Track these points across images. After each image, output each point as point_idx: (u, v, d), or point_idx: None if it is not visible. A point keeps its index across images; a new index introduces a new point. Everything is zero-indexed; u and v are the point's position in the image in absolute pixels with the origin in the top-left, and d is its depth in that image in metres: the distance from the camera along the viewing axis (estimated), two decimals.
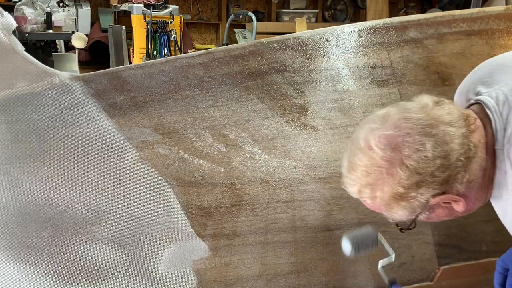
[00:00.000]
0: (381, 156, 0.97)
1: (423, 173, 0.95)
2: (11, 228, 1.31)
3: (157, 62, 1.47)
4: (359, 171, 1.01)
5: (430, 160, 0.95)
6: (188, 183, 1.42)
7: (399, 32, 1.60)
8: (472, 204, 1.05)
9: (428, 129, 0.96)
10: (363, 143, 1.01)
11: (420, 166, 0.95)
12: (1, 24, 1.37)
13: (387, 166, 0.97)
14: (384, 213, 1.06)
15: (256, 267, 1.44)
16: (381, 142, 0.98)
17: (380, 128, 1.00)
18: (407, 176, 0.96)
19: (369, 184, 1.01)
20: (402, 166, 0.96)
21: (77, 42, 4.18)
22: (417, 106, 1.01)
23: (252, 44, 1.53)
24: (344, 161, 1.06)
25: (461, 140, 0.97)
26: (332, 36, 1.57)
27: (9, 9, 2.41)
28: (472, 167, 0.99)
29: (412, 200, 0.99)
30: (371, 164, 0.99)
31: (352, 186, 1.05)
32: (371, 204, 1.05)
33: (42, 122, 1.37)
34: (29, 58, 1.39)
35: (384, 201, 1.01)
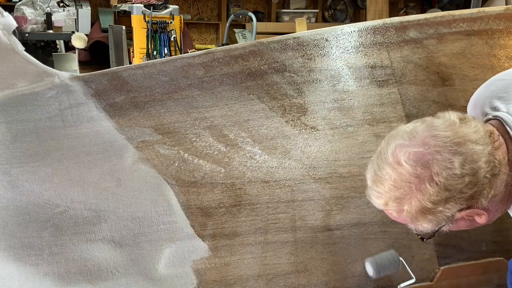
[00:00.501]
0: (411, 173, 1.00)
1: (452, 189, 0.98)
2: (11, 228, 1.31)
3: (157, 62, 1.47)
4: (387, 185, 1.03)
5: (459, 177, 0.98)
6: (188, 183, 1.42)
7: (399, 32, 1.60)
8: (492, 215, 1.09)
9: (457, 147, 0.99)
10: (391, 158, 1.03)
11: (449, 183, 0.98)
12: (1, 24, 1.37)
13: (416, 182, 1.00)
14: (409, 225, 1.09)
15: (256, 267, 1.44)
16: (411, 158, 1.00)
17: (409, 145, 1.02)
18: (436, 192, 0.99)
19: (397, 198, 1.03)
20: (432, 183, 0.99)
21: (77, 42, 4.18)
22: (445, 124, 1.03)
23: (252, 44, 1.53)
24: (369, 173, 1.08)
25: (487, 158, 1.00)
26: (332, 36, 1.58)
27: (9, 9, 2.41)
28: (497, 183, 1.02)
29: (439, 214, 1.02)
30: (400, 180, 1.01)
31: (379, 199, 1.07)
32: (397, 216, 1.07)
33: (42, 122, 1.37)
34: (29, 58, 1.39)
35: (411, 215, 1.04)
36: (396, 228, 1.54)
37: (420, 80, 1.59)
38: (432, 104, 1.60)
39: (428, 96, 1.59)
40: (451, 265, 1.55)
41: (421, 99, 1.59)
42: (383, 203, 1.07)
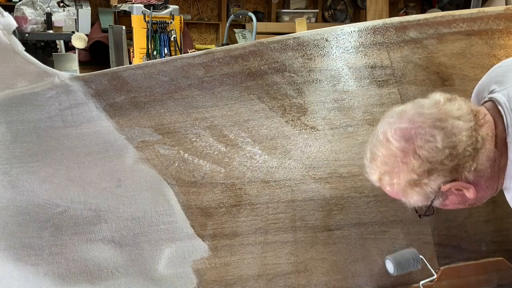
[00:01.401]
0: (396, 147, 1.09)
1: (433, 161, 1.06)
2: (11, 228, 1.31)
3: (157, 62, 1.47)
4: (378, 161, 1.13)
5: (439, 150, 1.06)
6: (188, 183, 1.42)
7: (399, 32, 1.60)
8: (483, 192, 1.14)
9: (439, 122, 1.07)
10: (381, 136, 1.13)
11: (431, 155, 1.06)
12: (1, 24, 1.37)
13: (401, 156, 1.09)
14: (402, 199, 1.16)
15: (256, 267, 1.44)
16: (397, 134, 1.10)
17: (396, 122, 1.12)
18: (419, 164, 1.07)
19: (387, 172, 1.13)
20: (415, 155, 1.07)
21: (77, 42, 4.18)
22: (430, 103, 1.13)
23: (252, 44, 1.53)
24: (367, 152, 1.18)
25: (469, 133, 1.07)
26: (332, 36, 1.58)
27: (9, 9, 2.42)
28: (480, 157, 1.08)
29: (425, 187, 1.10)
30: (388, 154, 1.11)
31: (373, 175, 1.17)
32: (390, 190, 1.16)
33: (42, 122, 1.37)
34: (29, 58, 1.39)
35: (401, 188, 1.12)
36: (396, 228, 1.54)
37: (420, 80, 1.59)
38: None
39: None
40: (451, 265, 1.55)
41: None
42: (377, 179, 1.16)
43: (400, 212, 1.54)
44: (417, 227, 1.54)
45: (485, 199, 1.18)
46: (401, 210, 1.54)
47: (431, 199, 1.13)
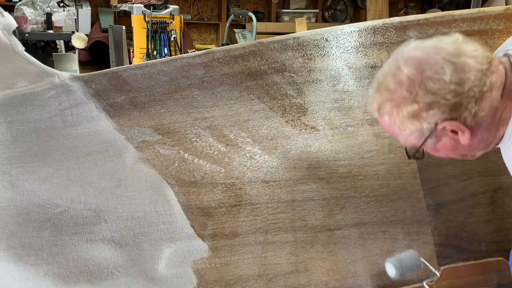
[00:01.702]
0: (406, 74, 1.08)
1: (437, 94, 1.06)
2: (11, 228, 1.31)
3: (157, 62, 1.47)
4: (382, 89, 1.13)
5: (446, 83, 1.05)
6: (188, 183, 1.42)
7: (399, 32, 1.60)
8: (477, 142, 1.14)
9: (451, 57, 1.07)
10: (392, 64, 1.13)
11: (436, 87, 1.06)
12: (1, 24, 1.37)
13: (408, 84, 1.08)
14: (397, 134, 1.16)
15: (256, 267, 1.44)
16: (408, 62, 1.09)
17: (410, 51, 1.12)
18: (422, 95, 1.07)
19: (389, 100, 1.11)
20: (421, 85, 1.07)
21: (77, 42, 4.18)
22: (449, 39, 1.12)
23: (252, 44, 1.53)
24: (373, 82, 1.17)
25: (478, 75, 1.06)
26: (332, 36, 1.58)
27: (9, 9, 2.41)
28: (483, 103, 1.08)
29: (423, 121, 1.09)
30: (394, 82, 1.10)
31: (373, 104, 1.16)
32: (387, 121, 1.15)
33: (42, 122, 1.37)
34: (29, 58, 1.39)
35: (399, 119, 1.12)
36: (396, 228, 1.54)
37: None
38: None
39: None
40: (451, 265, 1.55)
41: None
42: (377, 107, 1.15)
43: (400, 212, 1.54)
44: (417, 227, 1.54)
45: (477, 151, 1.18)
46: (401, 210, 1.54)
47: (425, 137, 1.12)
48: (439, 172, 1.59)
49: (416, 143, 1.15)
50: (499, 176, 1.65)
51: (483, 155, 1.64)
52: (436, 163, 1.59)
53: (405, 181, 1.54)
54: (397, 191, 1.53)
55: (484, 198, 1.64)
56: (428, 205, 1.55)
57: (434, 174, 1.58)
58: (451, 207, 1.59)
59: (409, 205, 1.54)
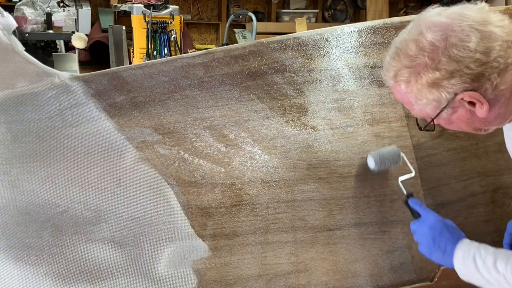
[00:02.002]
0: (429, 40, 1.04)
1: (461, 62, 1.02)
2: (11, 228, 1.31)
3: (157, 62, 1.47)
4: (402, 55, 1.08)
5: (470, 51, 1.01)
6: (188, 183, 1.42)
7: (399, 32, 1.60)
8: (493, 116, 1.10)
9: (477, 25, 1.03)
10: (414, 29, 1.08)
11: (460, 54, 1.02)
12: (1, 24, 1.37)
13: (430, 50, 1.04)
14: (411, 103, 1.12)
15: (256, 267, 1.44)
16: (432, 28, 1.05)
17: (434, 16, 1.07)
18: (445, 62, 1.03)
19: (408, 66, 1.07)
20: (444, 53, 1.03)
21: (77, 42, 4.18)
22: (475, 7, 1.08)
23: (252, 44, 1.53)
24: (390, 49, 1.13)
25: (504, 45, 1.03)
26: (332, 36, 1.58)
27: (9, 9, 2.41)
28: (506, 75, 1.04)
29: (442, 90, 1.05)
30: (416, 48, 1.06)
31: (390, 71, 1.11)
32: (404, 89, 1.11)
33: (42, 122, 1.37)
34: (29, 58, 1.39)
35: (416, 87, 1.08)
36: (396, 228, 1.54)
37: None
38: None
39: None
40: None
41: None
42: (393, 75, 1.11)
43: (400, 212, 1.54)
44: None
45: (492, 126, 1.14)
46: (401, 210, 1.54)
47: (442, 107, 1.08)
48: (439, 172, 1.59)
49: (431, 114, 1.11)
50: (499, 176, 1.65)
51: (484, 155, 1.64)
52: (436, 163, 1.59)
53: (405, 181, 1.54)
54: (397, 191, 1.53)
55: (484, 198, 1.64)
56: (428, 205, 1.55)
57: (434, 174, 1.58)
58: (451, 207, 1.59)
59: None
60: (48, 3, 4.23)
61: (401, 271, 1.54)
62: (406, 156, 1.49)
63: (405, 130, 1.57)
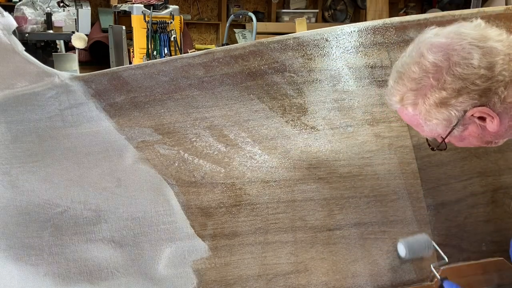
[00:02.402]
0: (431, 61, 1.06)
1: (466, 79, 1.03)
2: (11, 228, 1.31)
3: (157, 62, 1.47)
4: (405, 79, 1.09)
5: (474, 68, 1.02)
6: (188, 183, 1.42)
7: (399, 32, 1.60)
8: (504, 129, 1.10)
9: (477, 42, 1.04)
10: (414, 52, 1.09)
11: (465, 72, 1.03)
12: (1, 24, 1.37)
13: (434, 71, 1.05)
14: (421, 125, 1.12)
15: (256, 267, 1.44)
16: (432, 49, 1.06)
17: (432, 38, 1.09)
18: (450, 81, 1.04)
19: (413, 90, 1.08)
20: (449, 72, 1.04)
21: (77, 42, 4.18)
22: (471, 24, 1.09)
23: (252, 44, 1.53)
24: (392, 74, 1.13)
25: (506, 59, 1.04)
26: (332, 36, 1.58)
27: (9, 9, 2.42)
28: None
29: (451, 108, 1.06)
30: (419, 70, 1.07)
31: (395, 96, 1.12)
32: (412, 112, 1.11)
33: (42, 122, 1.37)
34: (29, 58, 1.39)
35: (424, 108, 1.08)
36: (396, 228, 1.54)
37: None
38: None
39: None
40: (451, 265, 1.55)
41: None
42: (399, 99, 1.11)
43: (400, 212, 1.54)
44: (417, 227, 1.54)
45: (502, 138, 1.14)
46: (401, 210, 1.54)
47: (452, 125, 1.08)
48: (439, 172, 1.59)
49: (442, 133, 1.12)
50: (499, 176, 1.65)
51: (483, 155, 1.64)
52: (436, 163, 1.59)
53: (405, 181, 1.54)
54: (397, 191, 1.53)
55: (484, 198, 1.64)
56: (428, 205, 1.55)
57: (434, 174, 1.58)
58: (451, 207, 1.59)
59: (409, 205, 1.54)
60: (48, 3, 4.24)
61: (401, 271, 1.54)
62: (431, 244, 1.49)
63: (405, 130, 1.57)
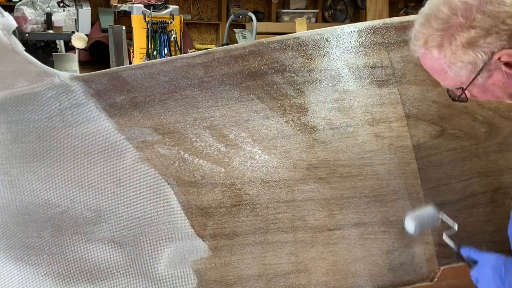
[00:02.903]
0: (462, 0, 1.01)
1: (497, 17, 0.99)
2: (11, 228, 1.31)
3: (157, 62, 1.47)
4: (432, 20, 1.05)
5: (506, 6, 0.98)
6: (188, 183, 1.42)
7: (399, 32, 1.60)
8: None
9: None
10: None
11: (496, 10, 0.99)
12: (1, 24, 1.37)
13: (463, 9, 1.01)
14: (443, 73, 1.08)
15: (256, 267, 1.44)
16: None
17: None
18: (480, 19, 0.99)
19: (440, 30, 1.04)
20: (479, 9, 1.00)
21: (77, 42, 4.18)
22: None
23: (252, 44, 1.53)
24: (418, 18, 1.09)
25: None
26: (332, 36, 1.58)
27: (9, 9, 2.41)
28: None
29: (478, 50, 1.02)
30: (448, 9, 1.03)
31: (419, 40, 1.08)
32: (436, 55, 1.07)
33: (42, 122, 1.37)
34: (29, 58, 1.39)
35: (451, 50, 1.04)
36: (396, 228, 1.54)
37: (420, 80, 1.59)
38: (432, 104, 1.60)
39: (428, 96, 1.59)
40: (451, 265, 1.55)
41: (421, 99, 1.59)
42: (423, 42, 1.07)
43: (400, 212, 1.54)
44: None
45: None
46: (401, 210, 1.54)
47: (478, 69, 1.04)
48: (439, 172, 1.59)
49: (465, 81, 1.08)
50: (499, 176, 1.65)
51: (483, 155, 1.64)
52: (436, 163, 1.59)
53: (405, 181, 1.54)
54: (397, 191, 1.53)
55: (484, 198, 1.64)
56: (428, 205, 1.55)
57: (434, 174, 1.58)
58: (451, 207, 1.59)
59: (409, 205, 1.54)
60: (48, 3, 4.24)
61: (401, 271, 1.54)
62: (444, 215, 1.46)
63: (405, 130, 1.57)
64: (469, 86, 1.08)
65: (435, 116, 1.59)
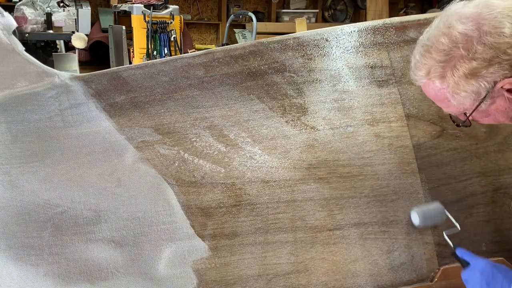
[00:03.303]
0: (461, 31, 1.03)
1: (498, 48, 1.00)
2: (11, 228, 1.31)
3: (157, 62, 1.47)
4: (433, 51, 1.06)
5: (506, 37, 1.00)
6: (188, 183, 1.42)
7: (399, 32, 1.60)
8: None
9: (508, 11, 1.01)
10: (442, 24, 1.06)
11: (496, 41, 1.00)
12: (1, 24, 1.37)
13: (464, 41, 1.02)
14: (447, 101, 1.10)
15: (256, 267, 1.44)
16: (462, 19, 1.03)
17: (460, 9, 1.05)
18: (481, 51, 1.01)
19: (441, 61, 1.06)
20: (479, 41, 1.01)
21: (77, 42, 4.18)
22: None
23: (252, 44, 1.53)
24: (417, 48, 1.10)
25: None
26: (332, 36, 1.58)
27: (9, 9, 2.42)
28: None
29: (481, 80, 1.03)
30: (448, 41, 1.04)
31: (421, 70, 1.09)
32: (439, 85, 1.08)
33: (42, 122, 1.37)
34: (29, 58, 1.40)
35: (453, 80, 1.05)
36: (396, 228, 1.54)
37: None
38: (432, 104, 1.59)
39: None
40: (451, 265, 1.55)
41: (421, 99, 1.59)
42: (425, 73, 1.08)
43: (400, 212, 1.54)
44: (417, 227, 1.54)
45: None
46: (401, 210, 1.54)
47: (481, 98, 1.05)
48: (439, 172, 1.59)
49: (468, 108, 1.09)
50: (499, 176, 1.65)
51: (483, 155, 1.64)
52: (436, 163, 1.59)
53: (405, 181, 1.54)
54: (397, 191, 1.53)
55: (484, 198, 1.64)
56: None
57: (434, 174, 1.58)
58: (451, 207, 1.59)
59: (409, 205, 1.54)
60: (48, 3, 4.24)
61: (401, 271, 1.54)
62: (449, 212, 1.50)
63: (405, 130, 1.57)
64: (472, 113, 1.10)
65: (435, 116, 1.59)
